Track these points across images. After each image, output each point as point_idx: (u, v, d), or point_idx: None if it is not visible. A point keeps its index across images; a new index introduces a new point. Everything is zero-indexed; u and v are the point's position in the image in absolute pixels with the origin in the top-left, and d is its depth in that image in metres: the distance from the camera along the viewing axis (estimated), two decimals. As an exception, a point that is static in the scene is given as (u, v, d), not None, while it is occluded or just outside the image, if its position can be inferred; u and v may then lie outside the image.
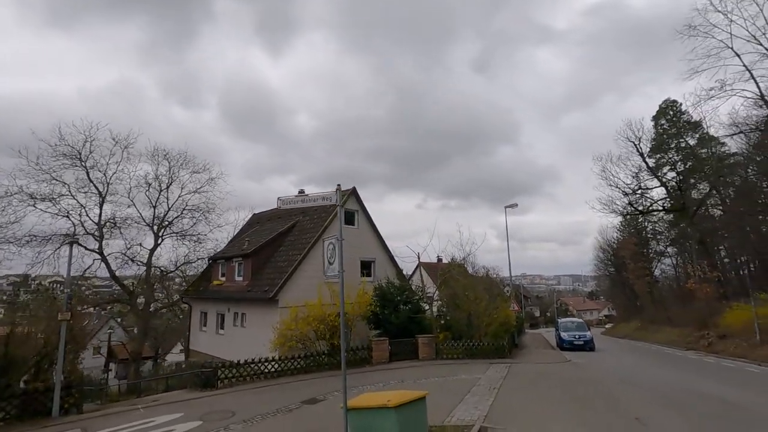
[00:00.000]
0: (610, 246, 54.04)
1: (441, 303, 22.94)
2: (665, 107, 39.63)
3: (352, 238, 20.98)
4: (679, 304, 38.64)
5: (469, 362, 16.39)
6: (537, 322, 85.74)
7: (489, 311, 19.87)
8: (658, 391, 10.74)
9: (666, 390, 10.91)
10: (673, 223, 46.17)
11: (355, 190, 21.47)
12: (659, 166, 37.91)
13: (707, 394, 10.29)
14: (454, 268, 23.42)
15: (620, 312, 58.84)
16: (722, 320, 26.43)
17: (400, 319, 18.26)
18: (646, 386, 11.58)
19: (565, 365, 16.49)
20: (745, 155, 36.00)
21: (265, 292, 17.95)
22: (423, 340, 16.84)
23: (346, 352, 6.54)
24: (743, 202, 34.83)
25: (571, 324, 26.70)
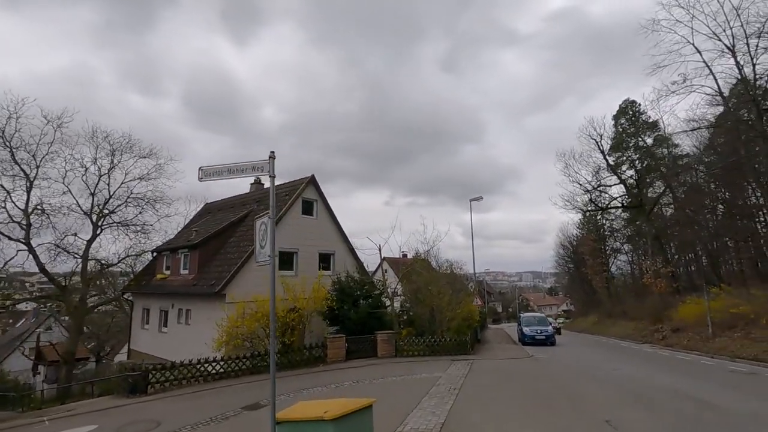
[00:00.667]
0: (570, 243, 55.39)
1: (404, 298, 22.17)
2: (625, 107, 40.60)
3: (310, 229, 19.74)
4: (635, 298, 39.84)
5: (431, 359, 15.60)
6: (499, 318, 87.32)
7: (452, 306, 19.21)
8: (624, 388, 10.26)
9: (631, 386, 10.47)
10: (629, 220, 47.72)
11: (313, 179, 20.18)
12: (618, 165, 38.81)
13: (673, 390, 9.89)
14: (417, 262, 22.66)
15: (578, 307, 60.54)
16: (675, 314, 27.12)
17: (359, 314, 17.24)
18: (610, 382, 11.13)
19: (528, 361, 16.02)
20: (696, 156, 37.62)
21: (211, 286, 16.42)
22: (382, 337, 15.88)
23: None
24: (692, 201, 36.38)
25: (533, 319, 26.63)
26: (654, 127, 38.72)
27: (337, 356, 14.87)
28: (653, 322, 30.54)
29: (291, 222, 18.93)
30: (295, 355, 14.75)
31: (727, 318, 20.44)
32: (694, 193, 35.57)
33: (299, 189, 19.49)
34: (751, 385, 10.95)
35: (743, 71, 17.20)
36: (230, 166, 5.78)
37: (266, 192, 22.11)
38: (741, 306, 19.02)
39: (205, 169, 5.89)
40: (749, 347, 17.30)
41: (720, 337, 20.31)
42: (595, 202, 37.37)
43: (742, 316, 19.27)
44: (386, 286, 18.20)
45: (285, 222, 18.61)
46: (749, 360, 15.93)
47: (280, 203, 19.44)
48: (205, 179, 5.86)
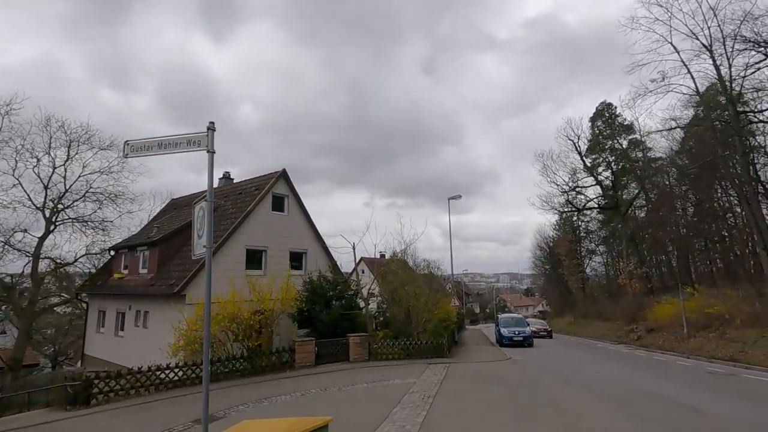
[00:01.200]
0: (547, 244, 55.75)
1: (381, 300, 21.40)
2: (601, 109, 40.98)
3: (281, 226, 18.70)
4: (609, 299, 40.23)
5: (406, 363, 14.82)
6: (477, 318, 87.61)
7: (428, 307, 18.51)
8: (608, 394, 9.72)
9: (615, 392, 9.94)
10: (604, 222, 48.34)
11: (285, 173, 19.14)
12: (595, 166, 39.12)
13: (657, 395, 9.40)
14: (393, 262, 21.90)
15: (554, 307, 61.08)
16: (650, 314, 27.23)
17: (330, 316, 16.31)
18: (593, 388, 10.59)
19: (507, 364, 15.44)
20: (670, 158, 38.29)
21: (170, 286, 15.19)
22: (355, 340, 15.00)
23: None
24: (664, 203, 37.01)
25: (511, 320, 26.23)
26: (629, 129, 39.22)
27: (306, 361, 13.91)
28: (628, 322, 30.69)
29: (260, 218, 17.85)
30: (260, 360, 13.71)
31: (702, 318, 20.46)
32: (665, 195, 36.22)
33: (269, 184, 18.41)
34: (735, 388, 10.61)
35: (720, 71, 17.18)
36: (161, 140, 4.81)
37: (236, 187, 20.93)
38: (716, 306, 19.01)
39: (132, 143, 4.90)
40: (725, 347, 17.23)
41: (695, 338, 20.30)
42: (572, 202, 37.48)
43: (717, 316, 19.28)
44: (360, 286, 17.32)
45: (253, 218, 17.52)
46: (725, 360, 15.79)
47: (249, 198, 18.34)
48: (131, 155, 4.88)
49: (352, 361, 14.66)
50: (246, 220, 17.16)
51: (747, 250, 26.30)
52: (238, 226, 16.73)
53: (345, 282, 19.01)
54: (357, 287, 17.57)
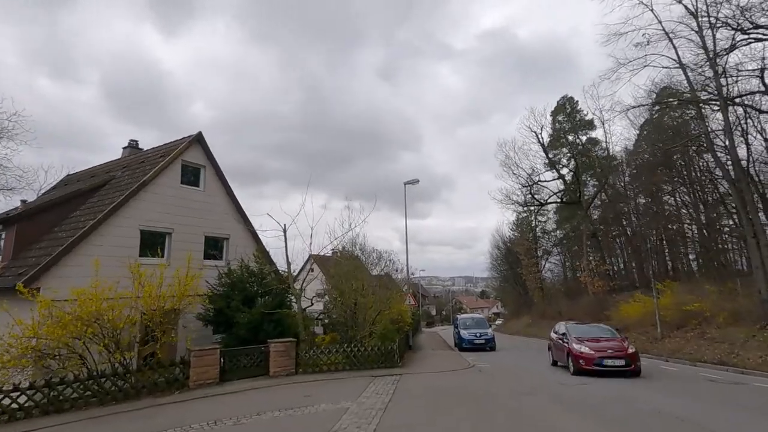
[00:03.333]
0: (504, 243, 54.46)
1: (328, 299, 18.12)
2: (563, 103, 39.86)
3: (194, 204, 14.85)
4: (569, 299, 39.03)
5: (345, 376, 11.50)
6: (433, 321, 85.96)
7: (378, 304, 15.34)
8: (606, 416, 6.93)
9: (615, 412, 7.19)
10: (559, 222, 47.67)
11: (201, 138, 15.29)
12: (554, 162, 37.80)
13: (670, 415, 6.70)
14: (340, 256, 18.56)
15: (511, 308, 59.97)
16: (615, 313, 25.59)
17: (251, 317, 12.70)
18: (584, 407, 7.79)
19: (470, 374, 12.50)
20: (625, 160, 37.84)
21: (19, 276, 10.96)
22: (277, 348, 11.41)
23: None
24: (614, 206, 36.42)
25: (471, 321, 23.60)
26: (590, 125, 38.36)
27: (206, 377, 10.18)
28: (591, 322, 29.12)
29: (163, 192, 13.90)
30: (143, 377, 9.84)
31: (677, 317, 18.70)
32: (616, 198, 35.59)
33: (178, 149, 14.50)
34: (756, 403, 8.21)
35: (705, 41, 15.37)
36: None
37: (141, 155, 16.79)
38: (695, 303, 17.20)
39: None
40: (708, 349, 15.30)
41: (670, 338, 18.48)
42: (535, 196, 35.82)
43: (696, 314, 17.49)
44: (293, 277, 13.76)
45: (153, 191, 13.56)
46: (714, 364, 13.76)
47: (150, 166, 14.32)
48: None
49: (273, 375, 11.10)
50: (141, 194, 13.18)
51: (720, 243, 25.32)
52: (127, 201, 12.71)
53: (277, 273, 15.41)
54: (288, 278, 13.96)
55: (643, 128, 38.55)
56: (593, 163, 37.02)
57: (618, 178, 36.45)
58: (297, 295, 13.45)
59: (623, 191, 36.06)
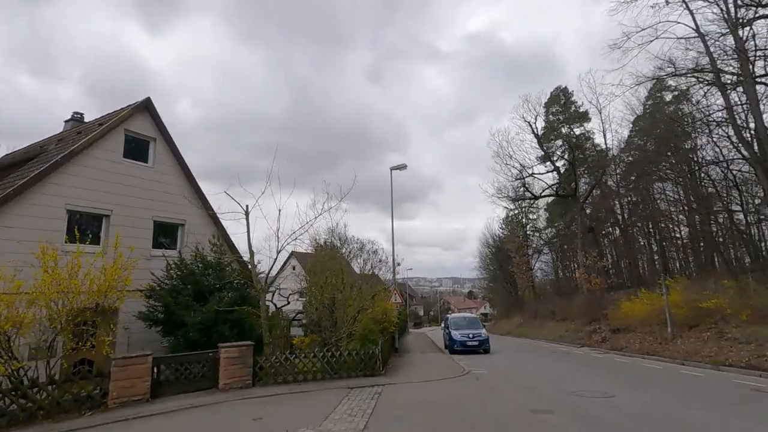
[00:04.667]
0: (494, 241, 52.85)
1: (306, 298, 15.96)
2: (557, 95, 38.36)
3: (140, 182, 12.54)
4: (562, 298, 37.44)
5: (315, 388, 9.35)
6: (421, 321, 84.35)
7: (359, 300, 13.24)
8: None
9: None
10: (551, 219, 46.21)
11: (149, 104, 12.98)
12: (549, 154, 36.23)
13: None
14: (318, 247, 16.42)
15: (500, 308, 58.38)
16: (616, 312, 23.88)
17: (205, 315, 10.48)
18: (613, 425, 5.80)
19: (465, 383, 10.46)
20: (618, 156, 36.55)
21: None
22: (229, 354, 9.16)
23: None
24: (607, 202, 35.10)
25: (463, 320, 21.60)
26: (584, 117, 36.91)
27: (132, 392, 7.91)
28: (588, 322, 27.41)
29: (99, 166, 11.56)
30: (56, 394, 7.53)
31: (689, 315, 16.99)
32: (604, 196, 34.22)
33: (119, 117, 12.16)
34: None
35: (728, 4, 13.67)
36: None
37: (79, 127, 14.37)
38: (713, 299, 15.47)
39: None
40: (731, 351, 13.54)
41: (681, 338, 16.75)
42: (529, 189, 34.08)
43: (712, 311, 15.78)
44: (255, 269, 11.50)
45: (85, 163, 11.22)
46: (743, 368, 11.98)
47: (87, 137, 11.95)
48: None
49: (223, 389, 8.88)
50: (69, 167, 10.83)
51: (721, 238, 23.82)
52: (49, 174, 10.35)
53: (242, 264, 13.14)
54: (252, 270, 11.67)
55: (635, 123, 37.61)
56: (587, 158, 35.61)
57: (611, 174, 35.14)
58: (261, 290, 11.21)
59: (615, 187, 34.86)
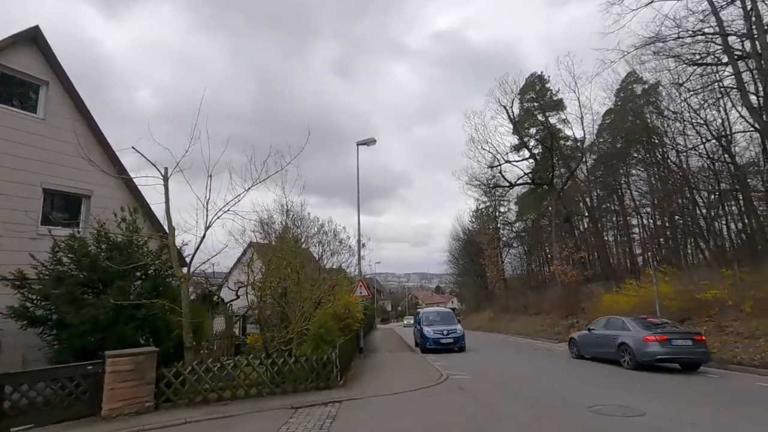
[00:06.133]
0: (465, 233, 51.47)
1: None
2: (532, 81, 37.01)
3: (28, 139, 9.52)
4: (534, 291, 36.30)
5: (244, 411, 6.81)
6: (389, 317, 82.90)
7: (315, 293, 10.76)
8: None
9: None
10: (522, 213, 45.19)
11: (38, 35, 9.87)
12: (524, 141, 34.85)
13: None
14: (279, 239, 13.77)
15: (470, 302, 57.21)
16: (595, 305, 22.58)
17: (98, 310, 7.70)
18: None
19: (447, 395, 8.21)
20: (590, 146, 35.82)
21: None
22: (118, 366, 6.33)
23: None
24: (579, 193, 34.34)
25: (436, 316, 19.49)
26: (560, 105, 35.78)
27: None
28: (564, 316, 26.11)
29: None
30: None
31: (681, 307, 15.60)
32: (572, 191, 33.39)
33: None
34: None
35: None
36: None
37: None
38: (712, 290, 14.01)
39: None
40: (737, 347, 12.05)
41: (674, 333, 15.29)
42: (504, 176, 32.52)
43: (708, 303, 14.37)
44: (176, 249, 8.72)
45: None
46: (757, 368, 10.45)
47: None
48: None
49: (108, 417, 6.14)
50: None
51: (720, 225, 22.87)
52: None
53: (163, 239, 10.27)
54: (170, 250, 8.86)
55: (605, 117, 37.00)
56: (561, 147, 34.51)
57: (584, 162, 34.28)
58: (183, 279, 8.48)
59: (585, 179, 34.10)
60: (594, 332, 13.36)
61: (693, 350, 10.59)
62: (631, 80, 35.07)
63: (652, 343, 10.63)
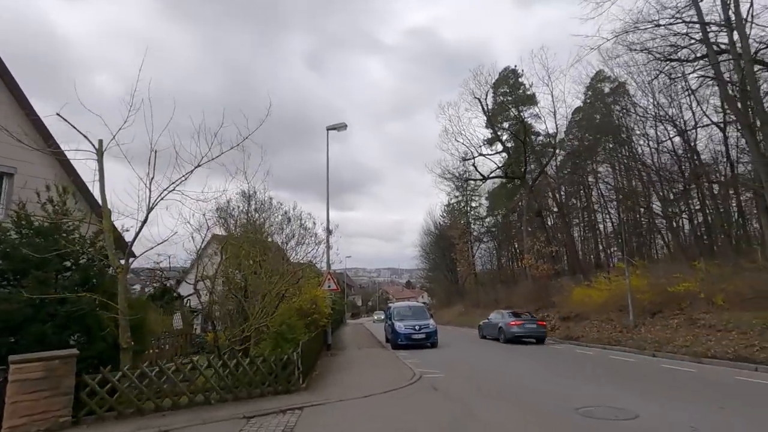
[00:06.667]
0: (437, 227, 51.29)
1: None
2: (506, 75, 36.90)
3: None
4: (504, 285, 36.42)
5: (187, 423, 5.79)
6: (359, 312, 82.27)
7: (280, 285, 9.74)
8: None
9: None
10: (492, 208, 45.41)
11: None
12: (498, 135, 34.74)
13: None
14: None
15: (441, 297, 57.21)
16: (566, 299, 22.59)
17: (12, 306, 6.44)
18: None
19: (420, 396, 7.47)
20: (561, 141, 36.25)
21: None
22: (25, 374, 5.11)
23: None
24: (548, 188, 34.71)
25: (407, 310, 18.84)
26: (532, 100, 35.86)
27: None
28: (535, 310, 26.07)
29: None
30: None
31: (653, 300, 15.58)
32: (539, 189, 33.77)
33: None
34: None
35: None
36: None
37: None
38: (684, 282, 13.96)
39: None
40: (710, 340, 11.95)
41: (645, 326, 15.25)
42: (477, 169, 32.26)
43: (679, 296, 14.34)
44: (111, 234, 7.50)
45: None
46: (732, 361, 10.30)
47: None
48: None
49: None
50: None
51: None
52: None
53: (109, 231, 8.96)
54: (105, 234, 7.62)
55: (575, 114, 37.51)
56: (533, 142, 34.64)
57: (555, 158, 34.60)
58: (120, 269, 7.29)
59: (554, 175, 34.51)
60: (489, 321, 19.95)
61: (537, 330, 17.37)
62: (600, 78, 35.69)
63: (514, 327, 17.20)
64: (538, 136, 35.58)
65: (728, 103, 12.94)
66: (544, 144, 34.95)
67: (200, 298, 11.34)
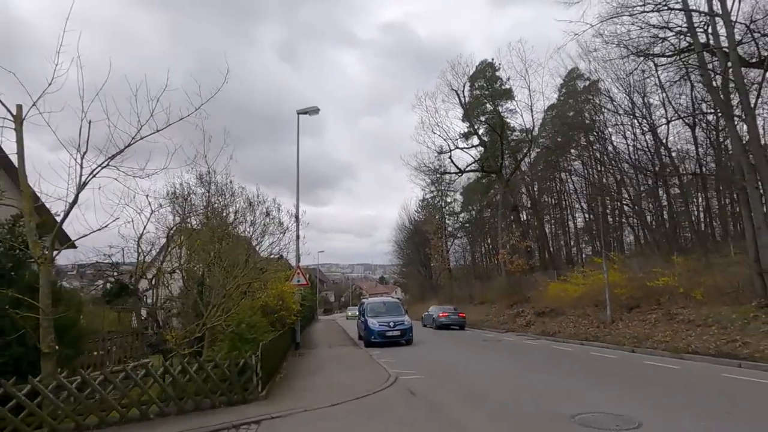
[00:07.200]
0: (411, 222, 50.80)
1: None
2: (482, 68, 36.52)
3: None
4: (479, 281, 36.27)
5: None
6: (332, 308, 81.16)
7: (236, 279, 8.69)
8: None
9: None
10: (466, 204, 45.28)
11: None
12: (472, 131, 34.38)
13: None
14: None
15: (415, 292, 56.85)
16: (541, 294, 22.37)
17: None
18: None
19: (396, 404, 6.66)
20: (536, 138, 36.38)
21: None
22: None
23: None
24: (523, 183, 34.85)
25: (381, 306, 18.05)
26: (508, 94, 35.65)
27: None
28: (510, 305, 25.88)
29: None
30: None
31: (631, 295, 15.38)
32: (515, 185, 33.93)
33: None
34: None
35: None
36: None
37: None
38: (663, 277, 13.74)
39: None
40: (689, 335, 11.71)
41: (623, 321, 15.02)
42: (454, 162, 31.77)
43: (657, 291, 14.15)
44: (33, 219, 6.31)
45: None
46: (714, 356, 9.99)
47: None
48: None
49: None
50: None
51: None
52: None
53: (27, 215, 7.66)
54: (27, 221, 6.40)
55: (547, 112, 37.67)
56: (509, 137, 34.48)
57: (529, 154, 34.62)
58: (43, 261, 6.10)
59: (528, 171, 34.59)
60: (428, 313, 25.85)
61: (458, 319, 23.75)
62: (574, 76, 35.87)
63: (442, 317, 23.84)
64: (514, 131, 35.46)
65: (711, 93, 12.74)
66: (519, 139, 34.86)
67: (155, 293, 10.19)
